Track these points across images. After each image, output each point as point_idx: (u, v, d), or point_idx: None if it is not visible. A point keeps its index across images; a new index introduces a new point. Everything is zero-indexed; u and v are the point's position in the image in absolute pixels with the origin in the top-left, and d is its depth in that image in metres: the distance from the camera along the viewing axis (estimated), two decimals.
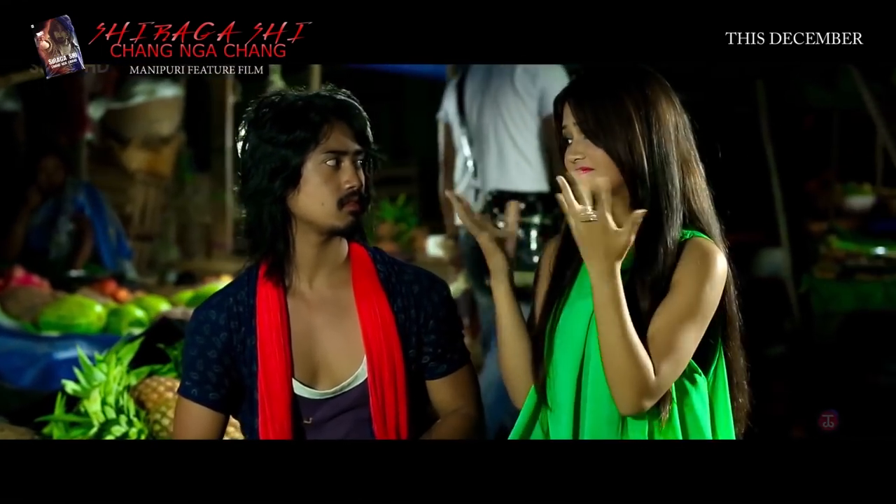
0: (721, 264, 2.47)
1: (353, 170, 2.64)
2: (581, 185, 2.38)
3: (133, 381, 3.51)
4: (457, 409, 2.77)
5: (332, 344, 2.69)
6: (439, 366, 2.76)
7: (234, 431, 3.47)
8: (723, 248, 2.51)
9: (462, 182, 5.52)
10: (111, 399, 3.40)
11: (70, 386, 3.45)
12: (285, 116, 2.62)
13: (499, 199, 5.20)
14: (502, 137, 5.32)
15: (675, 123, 2.49)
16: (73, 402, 3.47)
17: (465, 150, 5.48)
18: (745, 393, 2.58)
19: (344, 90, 2.71)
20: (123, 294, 6.19)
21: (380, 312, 2.69)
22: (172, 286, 7.05)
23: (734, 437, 2.55)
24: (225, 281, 6.59)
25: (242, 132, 2.69)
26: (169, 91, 7.73)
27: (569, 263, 2.58)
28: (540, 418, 2.58)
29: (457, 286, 6.58)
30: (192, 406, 2.71)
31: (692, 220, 2.51)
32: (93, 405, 3.37)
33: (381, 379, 2.66)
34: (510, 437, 2.58)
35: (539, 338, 2.56)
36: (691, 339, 2.43)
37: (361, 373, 2.68)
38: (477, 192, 5.41)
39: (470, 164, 5.46)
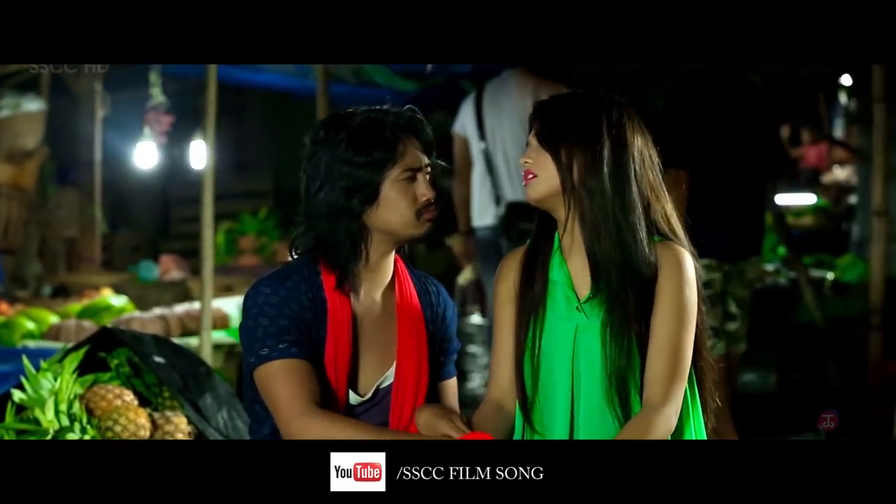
0: (692, 265, 2.61)
1: (427, 182, 2.75)
2: None
3: (79, 389, 3.58)
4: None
5: (370, 352, 2.78)
6: (450, 367, 2.91)
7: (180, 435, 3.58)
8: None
9: (479, 191, 6.03)
10: (63, 407, 3.46)
11: (17, 394, 3.50)
12: (361, 136, 2.70)
13: (517, 209, 5.77)
14: (518, 152, 5.70)
15: (641, 151, 2.61)
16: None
17: (483, 162, 5.97)
18: (712, 409, 2.70)
19: (410, 106, 2.79)
20: (5, 307, 6.16)
21: (417, 330, 2.80)
22: (48, 299, 7.02)
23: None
24: (107, 293, 6.62)
25: (308, 151, 2.75)
26: (33, 105, 7.66)
27: (532, 281, 2.68)
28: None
29: (465, 276, 7.55)
30: (297, 364, 2.66)
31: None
32: (47, 413, 3.43)
33: (405, 392, 2.75)
34: None
35: (519, 365, 2.66)
36: (688, 346, 2.58)
37: (384, 380, 2.78)
38: (498, 199, 5.90)
39: (489, 175, 5.94)
